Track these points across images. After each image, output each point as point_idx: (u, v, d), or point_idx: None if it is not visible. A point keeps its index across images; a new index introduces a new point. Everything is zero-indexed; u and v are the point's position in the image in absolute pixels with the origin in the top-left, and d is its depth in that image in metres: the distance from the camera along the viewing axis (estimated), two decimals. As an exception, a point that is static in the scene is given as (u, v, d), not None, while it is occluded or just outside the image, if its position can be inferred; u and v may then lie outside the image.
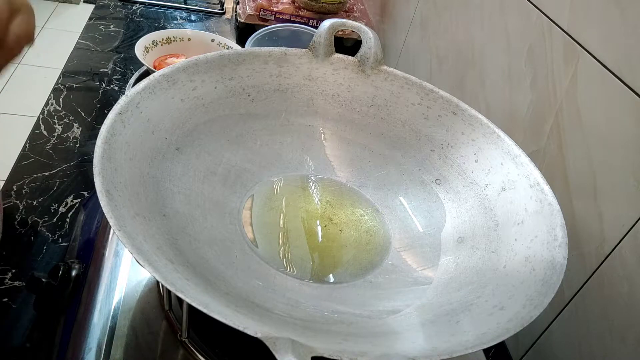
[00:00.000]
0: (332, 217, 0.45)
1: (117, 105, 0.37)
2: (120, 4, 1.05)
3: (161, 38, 0.77)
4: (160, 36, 0.77)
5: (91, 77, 0.83)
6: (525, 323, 0.30)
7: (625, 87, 0.42)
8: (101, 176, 0.32)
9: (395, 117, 0.49)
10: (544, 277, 0.34)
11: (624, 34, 0.42)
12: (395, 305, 0.38)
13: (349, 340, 0.32)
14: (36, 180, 0.64)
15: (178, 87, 0.43)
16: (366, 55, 0.48)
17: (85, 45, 0.90)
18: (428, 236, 0.44)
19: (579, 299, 0.47)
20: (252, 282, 0.38)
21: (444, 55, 0.74)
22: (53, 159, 0.67)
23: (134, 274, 0.43)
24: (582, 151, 0.46)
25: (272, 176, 0.48)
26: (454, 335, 0.31)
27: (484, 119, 0.45)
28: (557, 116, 0.49)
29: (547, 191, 0.39)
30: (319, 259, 0.42)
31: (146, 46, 0.75)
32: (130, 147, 0.37)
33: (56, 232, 0.58)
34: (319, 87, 0.49)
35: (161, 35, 0.78)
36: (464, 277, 0.39)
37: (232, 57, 0.46)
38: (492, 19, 0.62)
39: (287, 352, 0.25)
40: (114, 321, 0.39)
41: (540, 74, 0.52)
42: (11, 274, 0.53)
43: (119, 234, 0.29)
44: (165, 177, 0.40)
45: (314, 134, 0.50)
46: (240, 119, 0.47)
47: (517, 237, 0.39)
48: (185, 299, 0.27)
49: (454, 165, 0.46)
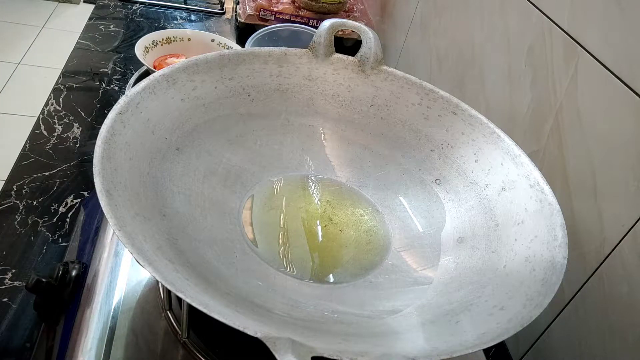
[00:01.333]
0: (332, 217, 0.45)
1: (117, 105, 0.37)
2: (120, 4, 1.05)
3: (161, 38, 0.77)
4: (160, 36, 0.77)
5: (91, 77, 0.83)
6: (525, 323, 0.30)
7: (625, 87, 0.42)
8: (101, 176, 0.32)
9: (395, 117, 0.49)
10: (544, 277, 0.34)
11: (624, 34, 0.42)
12: (395, 305, 0.38)
13: (349, 340, 0.32)
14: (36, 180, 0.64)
15: (178, 87, 0.43)
16: (366, 55, 0.48)
17: (85, 45, 0.90)
18: (428, 236, 0.44)
19: (579, 299, 0.47)
20: (252, 282, 0.38)
21: (444, 55, 0.74)
22: (53, 159, 0.67)
23: (134, 274, 0.43)
24: (582, 151, 0.46)
25: (272, 176, 0.48)
26: (454, 335, 0.31)
27: (484, 119, 0.45)
28: (557, 116, 0.49)
29: (547, 191, 0.39)
30: (319, 259, 0.42)
31: (146, 46, 0.75)
32: (130, 147, 0.37)
33: (56, 232, 0.58)
34: (319, 87, 0.49)
35: (161, 35, 0.78)
36: (464, 277, 0.39)
37: (232, 57, 0.46)
38: (492, 19, 0.62)
39: (287, 352, 0.25)
40: (114, 321, 0.39)
41: (540, 74, 0.52)
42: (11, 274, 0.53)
43: (119, 234, 0.29)
44: (165, 177, 0.40)
45: (314, 134, 0.50)
46: (240, 119, 0.47)
47: (517, 237, 0.39)
48: (185, 299, 0.27)
49: (454, 165, 0.46)
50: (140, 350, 0.38)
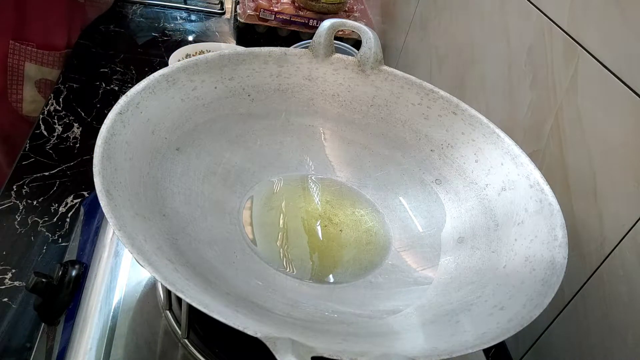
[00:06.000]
0: (332, 217, 0.45)
1: (117, 105, 0.37)
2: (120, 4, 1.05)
3: (194, 52, 0.78)
4: (194, 49, 0.78)
5: (91, 77, 0.83)
6: (525, 323, 0.30)
7: (625, 87, 0.42)
8: (101, 176, 0.32)
9: (395, 117, 0.49)
10: (544, 277, 0.34)
11: (624, 34, 0.42)
12: (395, 305, 0.38)
13: (349, 340, 0.32)
14: (36, 180, 0.64)
15: (178, 87, 0.43)
16: (366, 55, 0.48)
17: (85, 45, 0.90)
18: (428, 236, 0.44)
19: (579, 299, 0.47)
20: (252, 282, 0.38)
21: (444, 55, 0.74)
22: (53, 159, 0.67)
23: (134, 274, 0.43)
24: (582, 151, 0.46)
25: (272, 176, 0.48)
26: (454, 335, 0.31)
27: (484, 119, 0.45)
28: (557, 116, 0.49)
29: (547, 191, 0.39)
30: (319, 259, 0.42)
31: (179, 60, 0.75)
32: (130, 147, 0.37)
33: (56, 232, 0.58)
34: (319, 87, 0.49)
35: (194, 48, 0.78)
36: (464, 277, 0.39)
37: (232, 57, 0.46)
38: (492, 19, 0.62)
39: (287, 352, 0.25)
40: (114, 321, 0.39)
41: (540, 74, 0.52)
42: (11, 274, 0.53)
43: (119, 234, 0.29)
44: (165, 177, 0.40)
45: (314, 134, 0.50)
46: (240, 119, 0.47)
47: (517, 237, 0.39)
48: (185, 299, 0.27)
49: (454, 165, 0.46)
50: (140, 350, 0.38)
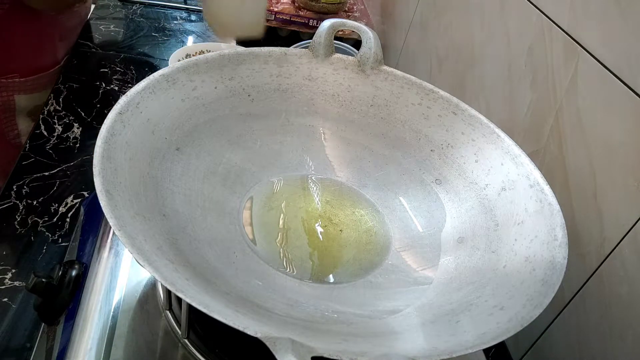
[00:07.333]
0: (332, 217, 0.45)
1: (117, 105, 0.37)
2: (120, 4, 1.05)
3: (194, 52, 0.78)
4: (194, 49, 0.79)
5: (91, 77, 0.83)
6: (525, 323, 0.30)
7: (625, 87, 0.42)
8: (101, 176, 0.32)
9: (395, 117, 0.49)
10: (544, 277, 0.34)
11: (624, 34, 0.42)
12: (395, 305, 0.38)
13: (349, 340, 0.32)
14: (36, 180, 0.64)
15: (178, 87, 0.43)
16: (366, 55, 0.48)
17: (85, 45, 0.90)
18: (428, 236, 0.44)
19: (579, 299, 0.47)
20: (252, 282, 0.38)
21: (444, 55, 0.74)
22: (53, 159, 0.67)
23: (134, 274, 0.43)
24: (582, 151, 0.46)
25: (272, 176, 0.48)
26: (454, 335, 0.31)
27: (484, 119, 0.45)
28: (557, 116, 0.49)
29: (547, 191, 0.39)
30: (319, 259, 0.42)
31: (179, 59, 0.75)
32: (130, 147, 0.37)
33: (56, 232, 0.58)
34: (319, 87, 0.49)
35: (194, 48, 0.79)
36: (464, 277, 0.39)
37: (232, 57, 0.46)
38: (492, 19, 0.62)
39: (287, 352, 0.25)
40: (114, 321, 0.39)
41: (540, 74, 0.52)
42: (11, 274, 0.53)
43: (119, 234, 0.29)
44: (165, 177, 0.40)
45: (314, 134, 0.50)
46: (240, 119, 0.47)
47: (517, 237, 0.39)
48: (185, 299, 0.27)
49: (454, 165, 0.46)
50: (140, 350, 0.38)
